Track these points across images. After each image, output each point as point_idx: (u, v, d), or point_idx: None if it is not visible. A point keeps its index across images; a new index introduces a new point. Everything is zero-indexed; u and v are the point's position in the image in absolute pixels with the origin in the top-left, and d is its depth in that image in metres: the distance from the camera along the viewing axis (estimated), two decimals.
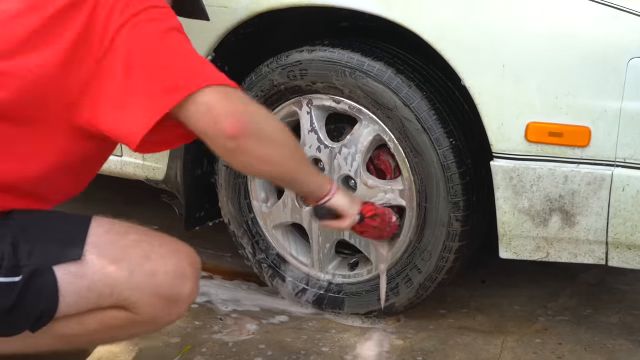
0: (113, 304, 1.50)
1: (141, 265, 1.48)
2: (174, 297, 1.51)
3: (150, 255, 1.49)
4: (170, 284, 1.50)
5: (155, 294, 1.49)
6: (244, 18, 1.99)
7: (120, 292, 1.48)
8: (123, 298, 1.48)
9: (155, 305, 1.50)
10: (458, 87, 1.86)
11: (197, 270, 1.56)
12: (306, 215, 2.11)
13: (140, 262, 1.48)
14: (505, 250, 1.86)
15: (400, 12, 1.83)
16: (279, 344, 1.97)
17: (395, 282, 2.03)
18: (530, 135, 1.75)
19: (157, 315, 1.53)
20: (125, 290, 1.48)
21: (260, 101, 2.07)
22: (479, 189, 1.93)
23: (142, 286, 1.49)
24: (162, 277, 1.49)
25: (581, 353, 1.98)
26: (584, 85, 1.71)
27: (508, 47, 1.75)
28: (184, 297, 1.53)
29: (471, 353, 1.96)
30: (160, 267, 1.49)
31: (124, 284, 1.47)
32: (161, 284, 1.49)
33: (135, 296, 1.48)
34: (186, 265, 1.53)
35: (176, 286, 1.51)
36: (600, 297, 2.30)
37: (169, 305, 1.52)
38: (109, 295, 1.48)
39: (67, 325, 1.52)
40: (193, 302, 1.58)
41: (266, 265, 2.22)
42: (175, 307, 1.54)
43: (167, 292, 1.50)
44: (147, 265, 1.48)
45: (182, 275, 1.51)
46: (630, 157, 1.71)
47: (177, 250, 1.53)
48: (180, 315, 1.58)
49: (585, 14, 1.70)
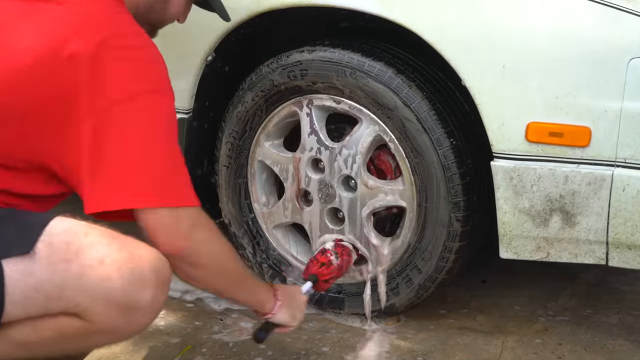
0: (64, 310, 1.40)
1: (93, 268, 1.38)
2: (131, 305, 1.40)
3: (106, 258, 1.39)
4: (124, 289, 1.39)
5: (108, 300, 1.38)
6: (244, 18, 1.99)
7: (69, 296, 1.38)
8: (74, 303, 1.39)
9: (109, 314, 1.40)
10: (458, 87, 1.86)
11: (161, 278, 1.44)
12: (306, 215, 2.11)
13: (93, 264, 1.38)
14: (505, 250, 1.86)
15: (400, 12, 1.83)
16: (279, 344, 1.97)
17: (395, 282, 2.03)
18: (531, 135, 1.75)
19: (113, 325, 1.42)
20: (75, 295, 1.38)
21: (261, 101, 2.07)
22: (479, 189, 1.93)
23: (93, 290, 1.38)
24: (116, 283, 1.38)
25: (581, 353, 1.98)
26: (584, 85, 1.71)
27: (508, 47, 1.75)
28: (142, 305, 1.41)
29: (471, 353, 1.96)
30: (114, 271, 1.38)
31: (72, 287, 1.38)
32: (114, 289, 1.38)
33: (85, 301, 1.38)
34: (146, 271, 1.41)
35: (131, 292, 1.39)
36: (600, 297, 2.30)
37: (126, 314, 1.41)
38: (58, 298, 1.39)
39: (21, 331, 1.44)
40: (159, 310, 1.47)
41: (266, 266, 2.22)
42: (135, 316, 1.43)
43: (121, 299, 1.39)
44: (100, 269, 1.38)
45: (139, 281, 1.40)
46: (630, 157, 1.71)
47: (137, 256, 1.41)
48: (142, 325, 1.47)
49: (585, 13, 1.70)
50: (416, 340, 2.01)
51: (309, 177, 2.08)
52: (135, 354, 1.89)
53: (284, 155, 2.11)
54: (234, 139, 2.15)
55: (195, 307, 2.15)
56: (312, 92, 2.01)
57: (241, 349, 1.94)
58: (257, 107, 2.09)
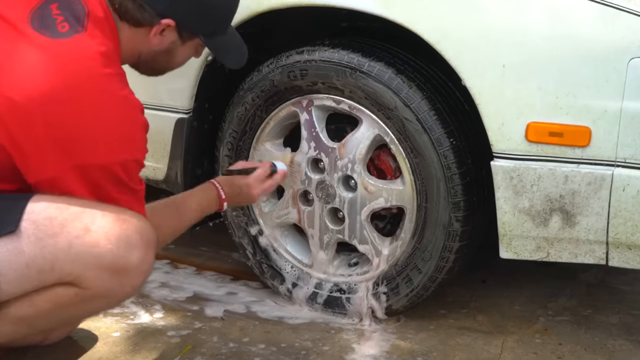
0: (58, 280, 1.46)
1: (80, 237, 1.45)
2: (121, 267, 1.47)
3: (90, 226, 1.46)
4: (113, 253, 1.46)
5: (99, 265, 1.46)
6: (245, 18, 1.99)
7: (61, 267, 1.45)
8: (66, 273, 1.45)
9: (101, 278, 1.47)
10: (458, 87, 1.86)
11: (148, 239, 1.52)
12: (306, 215, 2.11)
13: (79, 233, 1.45)
14: (505, 250, 1.86)
15: (400, 12, 1.83)
16: (279, 344, 1.97)
17: (395, 282, 2.03)
18: (531, 135, 1.75)
19: (107, 288, 1.49)
20: (66, 264, 1.45)
21: (261, 101, 2.07)
22: (479, 189, 1.93)
23: (82, 258, 1.45)
24: (104, 247, 1.45)
25: (581, 353, 1.98)
26: (584, 85, 1.71)
27: (508, 47, 1.75)
28: (132, 266, 1.49)
29: (471, 353, 1.96)
30: (101, 237, 1.45)
31: (63, 258, 1.44)
32: (103, 254, 1.45)
33: (77, 270, 1.45)
34: (132, 233, 1.49)
35: (121, 256, 1.47)
36: (600, 297, 2.30)
37: (118, 276, 1.48)
38: (50, 270, 1.45)
39: (19, 308, 1.50)
40: (149, 270, 1.53)
41: (266, 266, 2.22)
42: (127, 278, 1.50)
43: (112, 262, 1.46)
44: (86, 237, 1.45)
45: (126, 243, 1.47)
46: (630, 157, 1.71)
47: (121, 219, 1.49)
48: (135, 286, 1.53)
49: (585, 13, 1.70)
50: (416, 340, 2.01)
51: (309, 177, 2.08)
52: (136, 354, 1.89)
53: (284, 155, 2.11)
54: (234, 139, 2.15)
55: (195, 307, 2.15)
56: (312, 92, 2.01)
57: (241, 349, 1.94)
58: (257, 107, 2.09)
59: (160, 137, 2.16)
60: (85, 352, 1.86)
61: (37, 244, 1.44)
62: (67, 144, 1.46)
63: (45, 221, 1.45)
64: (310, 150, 2.05)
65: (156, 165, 2.20)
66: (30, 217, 1.45)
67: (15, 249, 1.43)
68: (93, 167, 1.49)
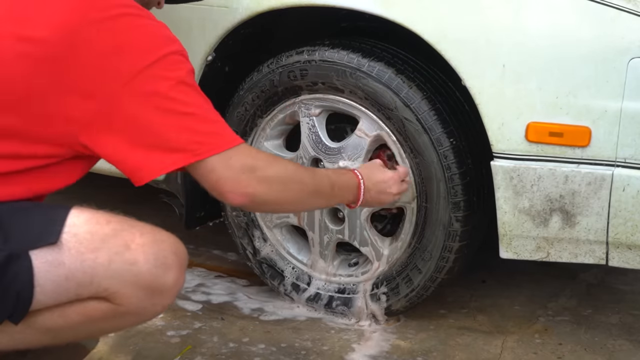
0: (93, 294, 1.47)
1: (120, 254, 1.45)
2: (157, 286, 1.48)
3: (130, 244, 1.46)
4: (151, 272, 1.47)
5: (136, 283, 1.46)
6: (245, 18, 1.99)
7: (99, 282, 1.45)
8: (103, 288, 1.46)
9: (137, 296, 1.47)
10: (458, 87, 1.86)
11: (182, 260, 1.52)
12: (306, 215, 2.11)
13: (120, 250, 1.45)
14: (505, 250, 1.86)
15: (400, 12, 1.83)
16: (279, 344, 1.97)
17: (395, 282, 2.03)
18: (531, 135, 1.75)
19: (140, 306, 1.50)
20: (104, 280, 1.45)
21: (261, 101, 2.07)
22: (479, 189, 1.93)
23: (121, 275, 1.45)
24: (143, 266, 1.46)
25: (581, 353, 1.98)
26: (584, 85, 1.71)
27: (508, 47, 1.75)
28: (167, 287, 1.49)
29: (471, 353, 1.96)
30: (140, 255, 1.46)
31: (102, 273, 1.44)
32: (141, 273, 1.46)
33: (114, 286, 1.46)
34: (168, 254, 1.49)
35: (158, 275, 1.47)
36: (600, 297, 2.30)
37: (152, 295, 1.48)
38: (89, 284, 1.45)
39: (49, 318, 1.50)
40: (178, 292, 1.54)
41: (266, 266, 2.22)
42: (159, 298, 1.50)
43: (148, 282, 1.47)
44: (126, 254, 1.45)
45: (163, 264, 1.48)
46: (630, 157, 1.71)
47: (159, 240, 1.50)
48: (165, 306, 1.54)
49: (585, 13, 1.70)
50: (416, 340, 2.01)
51: None
52: (136, 354, 1.89)
53: (284, 155, 2.11)
54: None
55: (195, 307, 2.15)
56: (313, 92, 2.01)
57: (241, 348, 1.94)
58: (257, 107, 2.09)
59: None
60: (85, 352, 1.86)
61: (77, 257, 1.44)
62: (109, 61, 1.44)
63: (86, 235, 1.45)
64: (310, 150, 2.05)
65: None
66: (72, 229, 1.45)
67: (56, 261, 1.43)
68: (141, 76, 1.44)
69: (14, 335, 1.53)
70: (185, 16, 2.04)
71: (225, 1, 1.99)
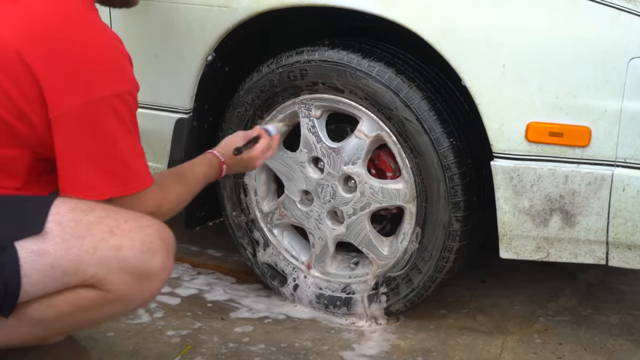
0: (80, 283, 1.48)
1: (105, 241, 1.46)
2: (144, 271, 1.49)
3: (115, 230, 1.47)
4: (137, 258, 1.48)
5: (122, 269, 1.47)
6: (244, 18, 1.99)
7: (85, 269, 1.46)
8: (89, 275, 1.46)
9: (124, 282, 1.48)
10: (458, 87, 1.86)
11: (168, 245, 1.53)
12: (306, 215, 2.11)
13: (104, 237, 1.47)
14: (505, 250, 1.86)
15: (400, 12, 1.83)
16: (279, 344, 1.97)
17: (395, 282, 2.03)
18: (531, 135, 1.75)
19: (128, 292, 1.50)
20: (90, 267, 1.46)
21: (261, 101, 2.07)
22: (479, 189, 1.93)
23: (107, 262, 1.46)
24: (128, 252, 1.47)
25: (581, 353, 1.98)
26: (584, 85, 1.71)
27: (508, 47, 1.75)
28: (154, 272, 1.50)
29: (471, 353, 1.96)
30: (125, 241, 1.47)
31: (88, 260, 1.45)
32: (127, 258, 1.47)
33: (101, 272, 1.46)
34: (154, 238, 1.50)
35: (144, 260, 1.49)
36: (600, 297, 2.30)
37: (140, 280, 1.49)
38: (74, 272, 1.46)
39: (38, 309, 1.51)
40: (167, 277, 1.54)
41: (266, 266, 2.22)
42: (147, 283, 1.51)
43: (135, 267, 1.48)
44: (111, 240, 1.46)
45: (149, 249, 1.49)
46: (630, 157, 1.71)
47: (144, 225, 1.51)
48: (154, 292, 1.55)
49: (585, 13, 1.70)
50: (416, 340, 2.01)
51: (309, 177, 2.08)
52: (136, 354, 1.89)
53: (284, 155, 2.11)
54: None
55: (195, 307, 2.15)
56: (313, 92, 2.01)
57: (241, 349, 1.94)
58: (257, 107, 2.09)
59: (160, 137, 2.16)
60: (85, 352, 1.87)
61: (62, 245, 1.45)
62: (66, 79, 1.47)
63: (71, 223, 1.46)
64: (310, 150, 2.05)
65: (156, 165, 2.20)
66: (56, 218, 1.46)
67: (41, 250, 1.44)
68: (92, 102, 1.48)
69: (5, 330, 1.53)
70: (185, 16, 2.05)
71: (225, 1, 1.99)
